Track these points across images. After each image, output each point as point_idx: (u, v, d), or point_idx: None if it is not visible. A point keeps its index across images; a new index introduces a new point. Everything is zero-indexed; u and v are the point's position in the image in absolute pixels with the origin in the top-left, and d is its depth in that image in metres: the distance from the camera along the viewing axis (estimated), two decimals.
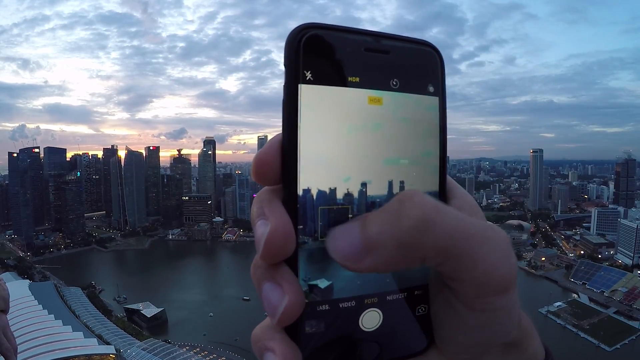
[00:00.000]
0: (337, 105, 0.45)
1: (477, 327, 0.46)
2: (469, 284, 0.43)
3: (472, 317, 0.46)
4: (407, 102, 0.48)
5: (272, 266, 0.45)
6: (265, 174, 0.46)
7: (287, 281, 0.44)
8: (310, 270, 0.45)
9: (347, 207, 0.46)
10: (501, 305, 0.45)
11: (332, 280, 0.46)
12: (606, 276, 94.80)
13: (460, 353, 0.50)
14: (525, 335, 0.53)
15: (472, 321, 0.46)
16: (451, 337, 0.49)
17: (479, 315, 0.45)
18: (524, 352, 0.53)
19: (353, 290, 0.47)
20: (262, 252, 0.44)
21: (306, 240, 0.45)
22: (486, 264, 0.43)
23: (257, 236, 0.45)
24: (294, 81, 0.44)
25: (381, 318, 0.48)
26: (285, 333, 0.46)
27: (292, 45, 0.44)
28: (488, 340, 0.48)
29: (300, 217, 0.44)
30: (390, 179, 0.47)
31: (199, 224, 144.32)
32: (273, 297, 0.45)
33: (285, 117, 0.44)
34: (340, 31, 0.45)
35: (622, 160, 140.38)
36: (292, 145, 0.44)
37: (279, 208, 0.45)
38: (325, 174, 0.45)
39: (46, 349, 47.57)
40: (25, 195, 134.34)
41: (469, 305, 0.45)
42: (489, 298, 0.44)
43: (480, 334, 0.47)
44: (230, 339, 69.42)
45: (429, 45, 0.50)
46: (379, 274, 0.47)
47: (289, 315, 0.44)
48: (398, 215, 0.41)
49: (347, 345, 0.47)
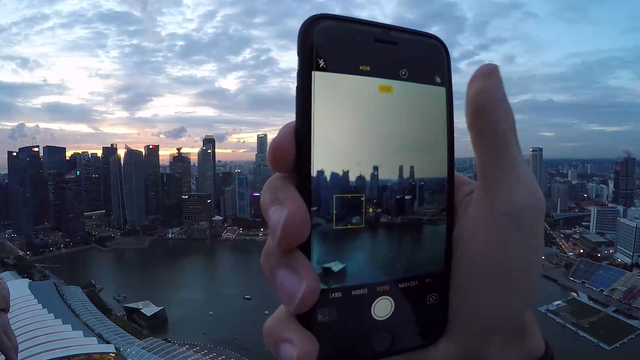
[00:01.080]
0: (349, 92, 0.46)
1: (514, 258, 0.47)
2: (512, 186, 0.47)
3: (514, 238, 0.47)
4: (415, 91, 0.49)
5: (286, 252, 0.45)
6: (281, 161, 0.46)
7: (302, 267, 0.44)
8: (323, 253, 0.45)
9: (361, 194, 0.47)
10: (539, 232, 0.48)
11: (346, 263, 0.46)
12: (605, 275, 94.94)
13: (472, 339, 0.51)
14: (528, 327, 0.54)
15: (511, 244, 0.47)
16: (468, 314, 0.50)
17: (519, 238, 0.47)
18: (527, 343, 0.54)
19: (365, 277, 0.47)
20: (279, 237, 0.43)
21: (320, 223, 0.45)
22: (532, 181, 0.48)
23: (272, 222, 0.44)
24: (308, 68, 0.44)
25: (393, 306, 0.49)
26: (299, 323, 0.45)
27: (306, 33, 0.45)
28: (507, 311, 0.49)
29: (314, 201, 0.45)
30: (401, 164, 0.49)
31: (199, 222, 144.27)
32: (289, 283, 0.44)
33: (299, 103, 0.45)
34: (351, 22, 0.47)
35: (622, 159, 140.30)
36: (305, 130, 0.45)
37: (294, 193, 0.45)
38: (338, 159, 0.46)
39: (46, 348, 47.55)
40: (25, 194, 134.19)
41: (511, 216, 0.47)
42: (532, 213, 0.47)
43: (508, 289, 0.48)
44: (230, 337, 69.53)
45: (436, 38, 0.51)
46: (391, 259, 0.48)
47: (307, 302, 0.44)
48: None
49: (360, 334, 0.48)
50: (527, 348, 0.54)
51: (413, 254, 0.50)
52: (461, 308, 0.50)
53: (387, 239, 0.49)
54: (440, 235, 0.51)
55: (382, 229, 0.48)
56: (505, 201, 0.47)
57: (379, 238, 0.48)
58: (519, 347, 0.53)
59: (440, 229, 0.51)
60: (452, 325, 0.51)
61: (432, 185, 0.51)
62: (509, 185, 0.47)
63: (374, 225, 0.48)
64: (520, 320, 0.52)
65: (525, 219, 0.47)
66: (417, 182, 0.50)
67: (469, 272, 0.49)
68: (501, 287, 0.48)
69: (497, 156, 0.47)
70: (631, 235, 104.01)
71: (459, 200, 0.52)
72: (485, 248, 0.48)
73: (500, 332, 0.51)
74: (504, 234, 0.47)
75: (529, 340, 0.54)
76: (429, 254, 0.50)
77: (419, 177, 0.50)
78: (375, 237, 0.48)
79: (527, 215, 0.47)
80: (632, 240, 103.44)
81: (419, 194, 0.50)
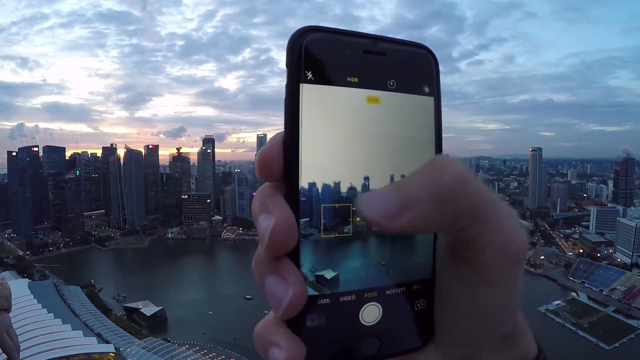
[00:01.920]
0: (337, 103, 0.47)
1: (488, 306, 0.47)
2: (492, 251, 0.44)
3: (485, 294, 0.46)
4: (403, 102, 0.50)
5: (275, 260, 0.46)
6: (269, 171, 0.47)
7: (290, 274, 0.45)
8: (312, 261, 0.46)
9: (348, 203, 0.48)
10: (515, 278, 0.47)
11: (334, 270, 0.47)
12: (605, 275, 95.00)
13: (459, 346, 0.51)
14: (519, 330, 0.54)
15: (483, 299, 0.46)
16: (456, 325, 0.50)
17: (492, 291, 0.46)
18: (518, 347, 0.54)
19: (353, 283, 0.48)
20: (267, 245, 0.44)
21: (309, 232, 0.46)
22: (509, 229, 0.44)
23: (260, 230, 0.45)
24: (296, 81, 0.45)
25: (381, 312, 0.49)
26: (288, 328, 0.46)
27: (294, 46, 0.45)
28: (492, 326, 0.49)
29: (302, 210, 0.46)
30: (389, 174, 0.49)
31: (198, 222, 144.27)
32: (277, 290, 0.45)
33: (287, 115, 0.46)
34: (340, 34, 0.47)
35: (621, 159, 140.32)
36: (293, 141, 0.45)
37: (282, 202, 0.46)
38: (326, 169, 0.47)
39: (45, 348, 47.49)
40: (25, 194, 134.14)
41: (487, 277, 0.45)
42: (508, 268, 0.46)
43: (487, 317, 0.48)
44: (230, 337, 69.49)
45: (424, 47, 0.52)
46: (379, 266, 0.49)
47: (294, 307, 0.45)
48: (436, 172, 0.43)
49: (348, 339, 0.48)
50: (518, 351, 0.54)
51: (401, 260, 0.50)
52: (445, 320, 0.51)
53: (375, 247, 0.49)
54: (427, 242, 0.51)
55: (370, 237, 0.49)
56: (476, 258, 0.45)
57: (367, 246, 0.49)
58: (511, 351, 0.53)
59: (427, 236, 0.51)
60: (441, 331, 0.51)
61: None
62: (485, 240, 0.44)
63: (362, 234, 0.48)
64: (511, 325, 0.52)
65: (497, 274, 0.46)
66: None
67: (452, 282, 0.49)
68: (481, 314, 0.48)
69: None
70: (631, 235, 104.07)
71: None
72: (457, 294, 0.48)
73: (490, 338, 0.51)
74: (472, 288, 0.47)
75: (521, 344, 0.54)
76: (417, 260, 0.51)
77: None
78: (364, 245, 0.49)
79: (499, 270, 0.46)
80: (632, 240, 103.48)
81: None
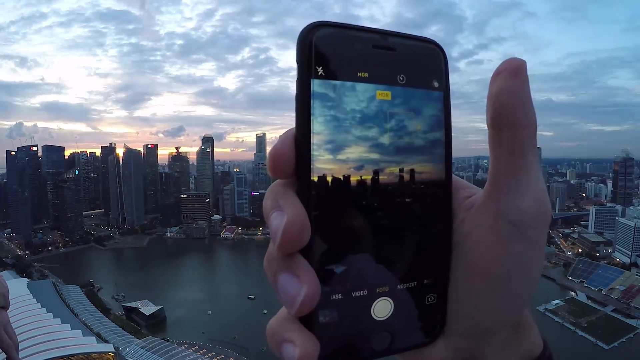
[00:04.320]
0: (347, 99, 0.47)
1: (519, 264, 0.48)
2: (528, 205, 0.46)
3: (519, 248, 0.47)
4: (413, 96, 0.50)
5: (288, 257, 0.46)
6: (281, 167, 0.46)
7: (303, 271, 0.45)
8: (324, 257, 0.46)
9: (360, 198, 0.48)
10: (544, 239, 0.48)
11: (346, 266, 0.47)
12: (604, 274, 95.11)
13: (469, 338, 0.52)
14: (525, 325, 0.55)
15: (517, 253, 0.47)
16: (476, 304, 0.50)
17: (526, 247, 0.47)
18: (524, 342, 0.55)
19: (365, 279, 0.48)
20: (279, 242, 0.44)
21: (321, 228, 0.46)
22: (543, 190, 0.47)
23: (272, 228, 0.45)
24: (307, 76, 0.45)
25: (392, 307, 0.50)
26: (301, 324, 0.47)
27: (304, 42, 0.45)
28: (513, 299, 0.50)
29: (314, 206, 0.46)
30: (399, 169, 0.49)
31: (197, 222, 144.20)
32: (291, 287, 0.45)
33: (298, 110, 0.46)
34: (350, 29, 0.47)
35: (621, 159, 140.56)
36: (305, 137, 0.45)
37: (294, 199, 0.45)
38: (338, 165, 0.46)
39: (44, 347, 47.34)
40: (23, 193, 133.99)
41: (523, 231, 0.47)
42: (541, 224, 0.47)
43: (513, 280, 0.48)
44: (229, 337, 69.47)
45: (433, 42, 0.52)
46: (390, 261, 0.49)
47: (308, 305, 0.45)
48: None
49: (360, 334, 0.49)
50: (524, 347, 0.55)
51: (412, 255, 0.51)
52: (459, 309, 0.51)
53: (387, 242, 0.49)
54: (439, 238, 0.52)
55: (381, 232, 0.49)
56: (513, 209, 0.47)
57: (379, 241, 0.49)
58: (517, 346, 0.54)
59: (439, 232, 0.52)
60: (450, 325, 0.52)
61: (431, 188, 0.51)
62: (519, 193, 0.47)
63: (374, 229, 0.48)
64: (517, 320, 0.53)
65: (530, 230, 0.47)
66: (416, 186, 0.50)
67: (468, 276, 0.50)
68: (499, 292, 0.49)
69: (511, 162, 0.47)
70: (629, 234, 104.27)
71: (458, 203, 0.53)
72: (487, 255, 0.48)
73: (497, 332, 0.52)
74: (507, 243, 0.47)
75: (527, 339, 0.55)
76: (428, 255, 0.51)
77: (418, 181, 0.50)
78: (375, 240, 0.48)
79: (533, 226, 0.47)
80: (631, 240, 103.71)
81: (417, 197, 0.51)
